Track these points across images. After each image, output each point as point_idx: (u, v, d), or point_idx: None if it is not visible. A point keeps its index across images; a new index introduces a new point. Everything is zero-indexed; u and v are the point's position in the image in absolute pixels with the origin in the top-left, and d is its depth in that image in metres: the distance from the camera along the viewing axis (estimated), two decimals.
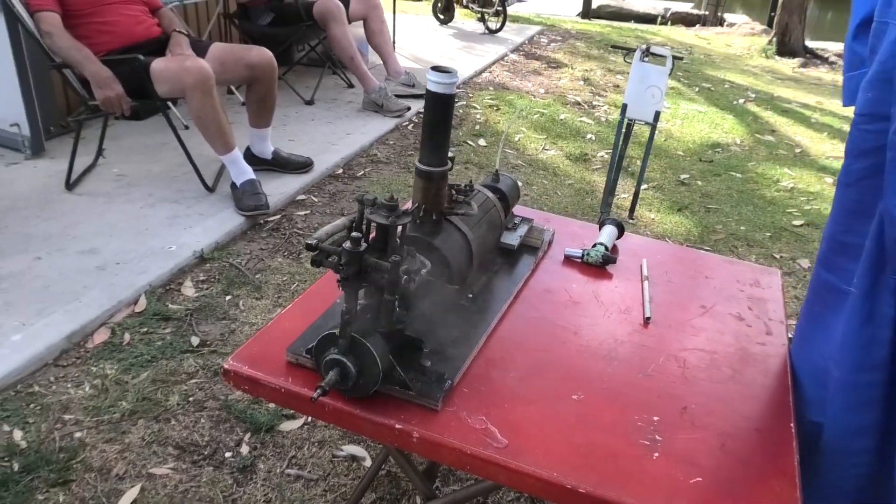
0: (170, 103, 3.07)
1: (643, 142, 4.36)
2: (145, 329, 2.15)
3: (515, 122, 4.52)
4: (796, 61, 8.14)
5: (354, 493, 1.55)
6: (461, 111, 4.62)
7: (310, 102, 4.42)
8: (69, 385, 1.90)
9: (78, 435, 1.74)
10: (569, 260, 1.45)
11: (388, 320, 0.97)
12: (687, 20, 12.07)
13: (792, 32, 8.42)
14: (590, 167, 3.87)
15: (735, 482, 0.93)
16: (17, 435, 1.71)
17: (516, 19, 8.92)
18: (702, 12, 12.39)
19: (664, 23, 11.72)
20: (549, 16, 10.09)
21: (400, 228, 0.99)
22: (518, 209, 1.56)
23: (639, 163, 3.98)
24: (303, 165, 3.30)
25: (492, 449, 0.94)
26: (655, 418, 1.02)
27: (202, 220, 2.79)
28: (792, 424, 1.04)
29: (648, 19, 11.96)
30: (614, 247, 1.51)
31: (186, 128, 3.56)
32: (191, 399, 1.89)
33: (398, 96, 4.45)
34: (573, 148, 4.14)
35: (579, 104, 5.12)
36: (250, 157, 3.21)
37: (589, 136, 4.41)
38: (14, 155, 3.31)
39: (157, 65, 2.78)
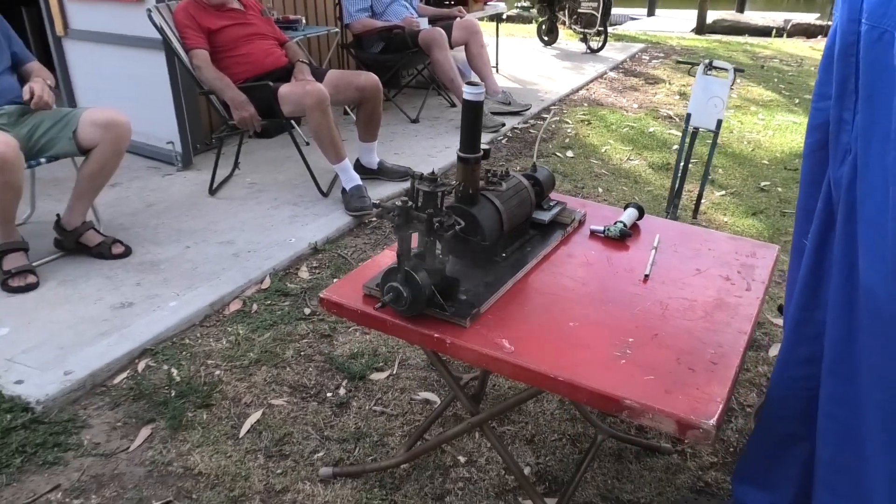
0: (294, 123, 3.62)
1: (726, 151, 4.56)
2: (269, 302, 2.65)
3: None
4: None
5: (424, 423, 1.94)
6: (553, 126, 4.97)
7: (415, 121, 4.92)
8: (211, 340, 2.42)
9: (217, 374, 2.24)
10: (594, 235, 1.79)
11: (431, 260, 1.36)
12: (809, 31, 11.67)
13: None
14: (671, 175, 4.10)
15: (681, 382, 1.24)
16: (174, 372, 2.23)
17: (621, 38, 9.15)
18: (826, 23, 12.00)
19: (780, 35, 11.48)
20: (656, 33, 10.22)
21: (445, 199, 1.38)
22: (560, 196, 1.92)
23: (720, 171, 4.19)
24: (403, 174, 3.77)
25: (501, 352, 1.30)
26: (630, 339, 1.34)
27: (317, 219, 3.30)
28: (742, 349, 1.34)
29: (766, 32, 11.71)
30: (634, 225, 1.83)
31: (307, 144, 4.13)
32: (302, 353, 2.36)
33: (494, 113, 4.86)
34: (657, 158, 4.39)
35: (671, 118, 5.34)
36: (359, 167, 3.71)
37: (675, 146, 4.63)
38: (168, 168, 4.00)
39: (284, 89, 3.34)
